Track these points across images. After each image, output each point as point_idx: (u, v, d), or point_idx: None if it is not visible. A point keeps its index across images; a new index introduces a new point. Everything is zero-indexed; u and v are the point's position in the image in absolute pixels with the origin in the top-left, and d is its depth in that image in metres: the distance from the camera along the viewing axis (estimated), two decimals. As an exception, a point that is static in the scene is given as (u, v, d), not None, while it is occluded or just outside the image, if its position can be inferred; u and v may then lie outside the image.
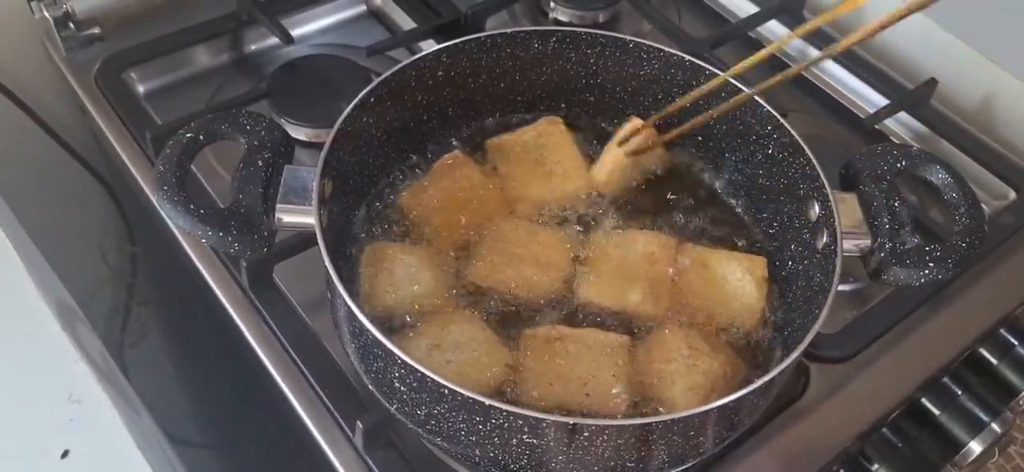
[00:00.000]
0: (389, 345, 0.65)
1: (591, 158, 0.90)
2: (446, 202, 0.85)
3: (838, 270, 0.72)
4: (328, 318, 0.79)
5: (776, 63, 1.19)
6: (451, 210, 0.85)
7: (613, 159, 0.88)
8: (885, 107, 1.08)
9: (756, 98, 0.85)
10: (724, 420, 0.70)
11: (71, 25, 1.08)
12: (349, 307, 0.67)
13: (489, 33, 0.88)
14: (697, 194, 0.90)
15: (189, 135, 0.75)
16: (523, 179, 0.88)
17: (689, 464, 0.73)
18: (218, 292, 0.88)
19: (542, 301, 0.80)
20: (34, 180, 1.18)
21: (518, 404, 0.70)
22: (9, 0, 1.13)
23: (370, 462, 0.77)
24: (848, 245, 0.76)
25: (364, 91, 0.81)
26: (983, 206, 0.82)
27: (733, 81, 0.83)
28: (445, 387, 0.63)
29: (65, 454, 0.71)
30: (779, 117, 0.83)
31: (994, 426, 0.88)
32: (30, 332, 0.78)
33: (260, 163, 0.75)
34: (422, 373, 0.63)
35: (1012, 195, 1.03)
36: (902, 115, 1.10)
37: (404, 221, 0.85)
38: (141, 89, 1.09)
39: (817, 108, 1.14)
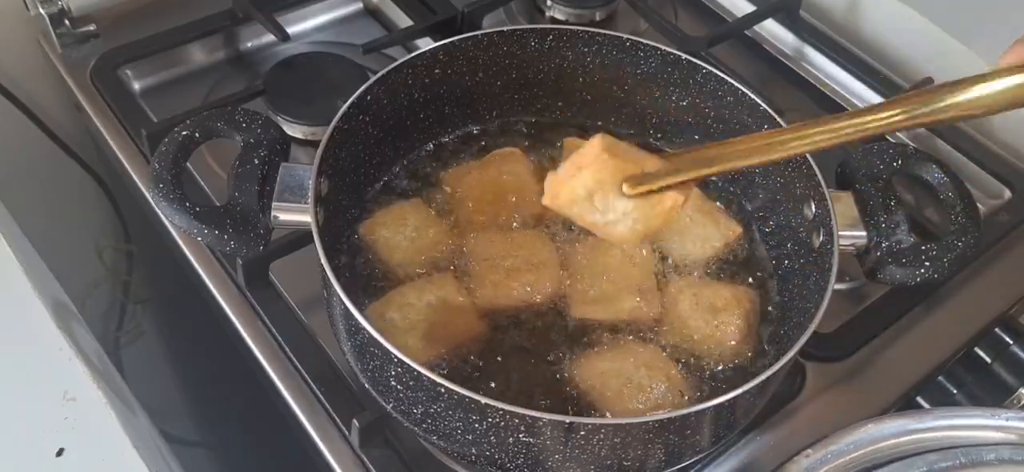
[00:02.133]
0: (386, 343, 0.65)
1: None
2: (485, 188, 0.86)
3: (834, 269, 0.72)
4: (324, 316, 0.79)
5: (775, 64, 1.19)
6: (487, 196, 0.86)
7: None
8: (881, 106, 1.08)
9: (750, 95, 0.85)
10: (720, 418, 0.70)
11: (67, 22, 1.08)
12: (345, 305, 0.67)
13: (486, 31, 0.88)
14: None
15: (185, 133, 0.75)
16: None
17: (686, 462, 0.73)
18: (214, 290, 0.88)
19: (544, 307, 0.81)
20: (30, 177, 1.18)
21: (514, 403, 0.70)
22: (4, -3, 1.12)
23: (366, 460, 0.77)
24: (844, 244, 0.76)
25: (361, 89, 0.81)
26: (978, 205, 0.82)
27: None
28: (441, 386, 0.63)
29: (60, 453, 0.71)
30: (776, 116, 0.83)
31: (989, 425, 0.89)
32: (25, 330, 0.78)
33: (256, 161, 0.74)
34: (418, 372, 0.63)
35: (1007, 194, 1.03)
36: (898, 114, 1.10)
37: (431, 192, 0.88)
38: (137, 86, 1.09)
39: (813, 107, 1.14)
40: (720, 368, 0.78)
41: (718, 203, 0.88)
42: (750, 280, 0.84)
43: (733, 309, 0.79)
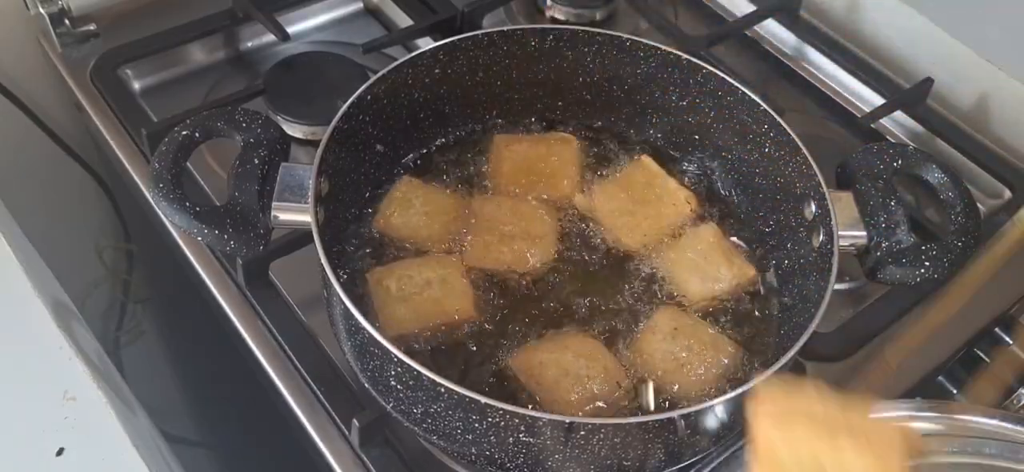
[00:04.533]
0: (386, 343, 0.65)
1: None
2: (528, 161, 0.88)
3: (834, 269, 0.72)
4: (324, 316, 0.79)
5: (775, 64, 1.19)
6: (525, 168, 0.87)
7: None
8: (881, 106, 1.09)
9: (750, 94, 0.85)
10: (720, 419, 0.70)
11: (67, 22, 1.08)
12: (345, 305, 0.67)
13: (486, 31, 0.88)
14: (694, 192, 0.90)
15: (185, 132, 0.75)
16: (620, 207, 0.87)
17: (686, 462, 0.73)
18: (214, 290, 0.88)
19: (530, 277, 0.82)
20: (30, 177, 1.18)
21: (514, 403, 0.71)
22: (5, -3, 1.12)
23: (366, 460, 0.77)
24: (844, 244, 0.76)
25: (361, 89, 0.81)
26: (978, 205, 0.82)
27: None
28: (441, 385, 0.63)
29: (60, 452, 0.71)
30: (776, 115, 0.83)
31: (989, 425, 0.89)
32: (25, 330, 0.78)
33: (256, 161, 0.74)
34: (418, 371, 0.63)
35: (1007, 194, 1.03)
36: (898, 114, 1.10)
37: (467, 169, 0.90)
38: (137, 86, 1.09)
39: (814, 107, 1.14)
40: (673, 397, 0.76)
41: (739, 241, 0.86)
42: (744, 330, 0.81)
43: (707, 355, 0.76)
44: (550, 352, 0.76)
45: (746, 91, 0.85)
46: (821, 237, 0.77)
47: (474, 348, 0.77)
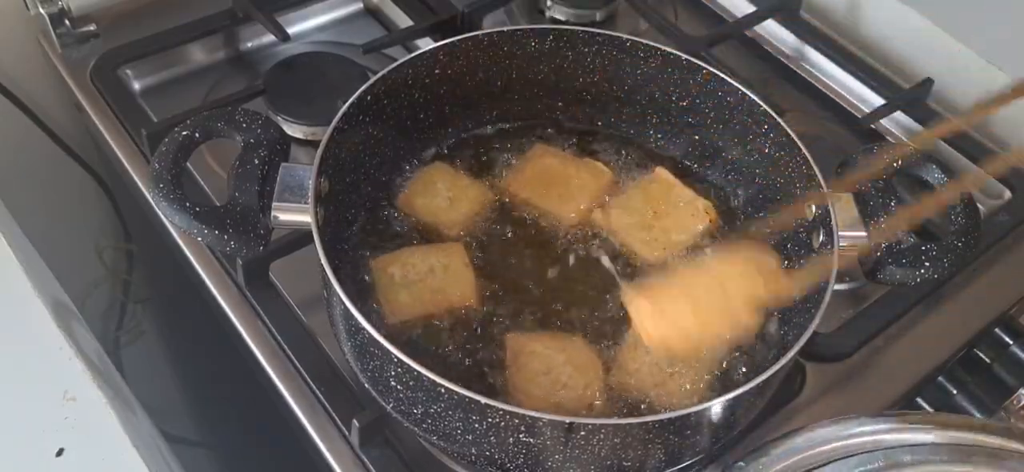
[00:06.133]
0: (386, 344, 0.65)
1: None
2: (552, 174, 0.89)
3: (834, 269, 0.72)
4: (324, 316, 0.79)
5: (775, 64, 1.19)
6: (545, 180, 0.89)
7: None
8: (881, 106, 1.09)
9: (750, 95, 0.85)
10: (720, 419, 0.70)
11: (67, 22, 1.08)
12: (345, 305, 0.67)
13: (486, 31, 0.88)
14: (695, 192, 0.90)
15: (185, 133, 0.75)
16: (638, 221, 0.87)
17: (686, 463, 0.73)
18: (214, 290, 0.88)
19: (567, 234, 0.85)
20: (30, 177, 1.18)
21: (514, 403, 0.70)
22: (4, -3, 1.12)
23: (366, 460, 0.77)
24: (844, 244, 0.76)
25: (361, 89, 0.81)
26: (979, 205, 0.82)
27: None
28: (441, 386, 0.63)
29: (60, 453, 0.71)
30: (776, 116, 0.83)
31: (989, 425, 0.89)
32: (25, 330, 0.78)
33: (256, 161, 0.74)
34: (418, 372, 0.63)
35: (1007, 194, 1.03)
36: (898, 114, 1.10)
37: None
38: (137, 86, 1.09)
39: (814, 107, 1.14)
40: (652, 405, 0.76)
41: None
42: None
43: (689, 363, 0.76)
44: (546, 346, 0.76)
45: (746, 92, 0.85)
46: (821, 237, 0.77)
47: (475, 329, 0.79)
